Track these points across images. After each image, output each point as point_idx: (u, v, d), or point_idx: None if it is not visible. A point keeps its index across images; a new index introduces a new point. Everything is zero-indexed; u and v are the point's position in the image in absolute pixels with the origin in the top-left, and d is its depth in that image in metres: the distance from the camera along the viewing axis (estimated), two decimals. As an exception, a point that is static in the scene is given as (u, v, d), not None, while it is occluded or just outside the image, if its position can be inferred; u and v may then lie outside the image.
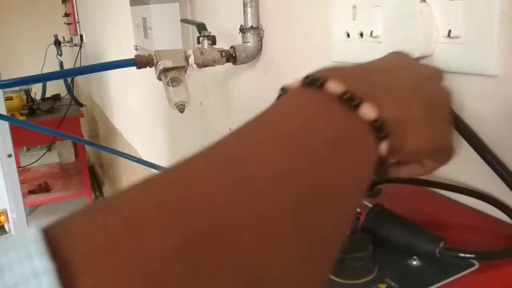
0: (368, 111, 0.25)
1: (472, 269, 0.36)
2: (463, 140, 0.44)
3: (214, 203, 0.19)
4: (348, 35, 0.59)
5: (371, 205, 0.41)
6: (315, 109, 0.26)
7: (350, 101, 0.25)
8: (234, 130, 0.24)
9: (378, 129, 0.26)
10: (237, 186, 0.20)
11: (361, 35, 0.57)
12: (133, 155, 1.86)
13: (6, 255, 0.15)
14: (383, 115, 0.26)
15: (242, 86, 0.96)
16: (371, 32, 0.55)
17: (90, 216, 0.18)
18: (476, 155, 0.43)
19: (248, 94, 0.94)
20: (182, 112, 0.78)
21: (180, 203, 0.18)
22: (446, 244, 0.36)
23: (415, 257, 0.38)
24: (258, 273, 0.18)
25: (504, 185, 0.41)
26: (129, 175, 2.52)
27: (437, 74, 0.35)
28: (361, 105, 0.25)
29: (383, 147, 0.26)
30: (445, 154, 0.35)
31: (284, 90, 0.28)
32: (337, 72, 0.28)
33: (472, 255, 0.36)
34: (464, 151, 0.45)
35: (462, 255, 0.36)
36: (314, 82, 0.26)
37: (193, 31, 1.17)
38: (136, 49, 1.71)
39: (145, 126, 1.97)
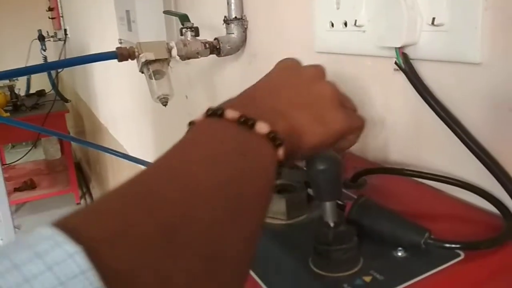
0: (262, 127, 0.31)
1: (458, 259, 0.35)
2: (449, 129, 0.44)
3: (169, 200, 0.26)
4: (332, 25, 0.58)
5: (355, 197, 0.40)
6: (223, 132, 0.32)
7: (246, 122, 0.31)
8: (164, 156, 0.30)
9: (273, 139, 0.32)
10: (182, 191, 0.27)
11: (345, 24, 0.56)
12: (119, 150, 1.83)
13: (38, 246, 0.20)
14: (274, 128, 0.32)
15: (227, 77, 0.95)
16: (355, 21, 0.54)
17: (85, 216, 0.24)
18: (460, 144, 0.43)
19: (233, 86, 0.93)
20: (165, 105, 0.77)
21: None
22: (431, 235, 0.35)
23: (400, 248, 0.37)
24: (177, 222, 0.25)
25: (489, 174, 0.41)
26: (116, 171, 2.50)
27: (317, 73, 0.40)
28: (255, 123, 0.31)
29: (280, 152, 0.32)
30: (354, 132, 0.41)
31: (191, 124, 0.33)
32: (231, 102, 0.34)
33: (457, 245, 0.35)
34: (448, 140, 0.44)
35: (447, 245, 0.35)
36: (214, 113, 0.32)
37: (177, 24, 1.16)
38: (121, 43, 1.68)
39: (131, 121, 1.95)
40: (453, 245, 0.35)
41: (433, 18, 0.43)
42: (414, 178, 0.48)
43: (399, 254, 0.37)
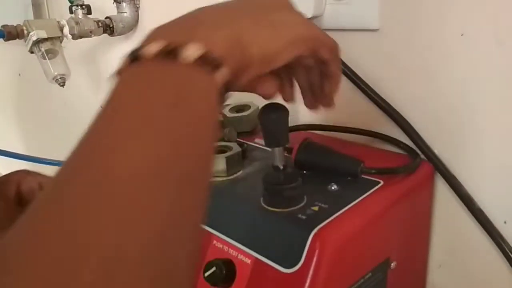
0: (190, 52, 0.26)
1: (379, 185, 0.44)
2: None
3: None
4: None
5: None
6: (146, 82, 0.25)
7: (170, 53, 0.26)
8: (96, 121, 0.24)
9: (208, 62, 0.26)
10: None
11: None
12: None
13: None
14: (209, 46, 0.26)
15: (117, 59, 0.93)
16: (263, -3, 0.59)
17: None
18: (366, 100, 0.52)
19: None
20: (62, 85, 0.73)
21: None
22: (364, 165, 0.43)
23: (332, 183, 0.44)
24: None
25: (393, 123, 0.50)
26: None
27: None
28: (182, 49, 0.26)
29: (221, 74, 0.26)
30: (322, 45, 0.34)
31: (118, 72, 0.27)
32: (159, 30, 0.28)
33: (384, 171, 0.44)
34: (355, 98, 0.53)
35: (376, 171, 0.44)
36: (134, 55, 0.26)
37: (53, 4, 1.08)
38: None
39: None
40: (380, 171, 0.44)
41: (337, -7, 0.51)
42: (325, 134, 0.57)
43: (333, 188, 0.44)
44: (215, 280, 0.40)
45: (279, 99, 0.39)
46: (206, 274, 0.40)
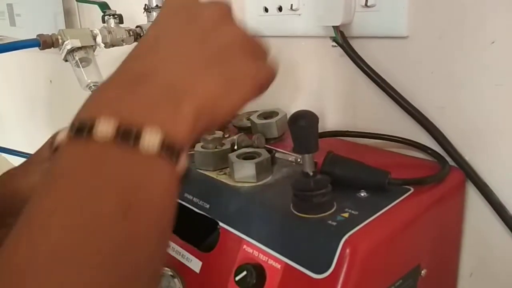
0: (152, 141, 0.23)
1: (409, 193, 0.44)
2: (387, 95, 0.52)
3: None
4: (266, 10, 0.64)
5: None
6: (94, 171, 0.22)
7: (127, 139, 0.22)
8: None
9: (170, 151, 0.23)
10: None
11: (280, 9, 0.62)
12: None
13: None
14: (174, 132, 0.24)
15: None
16: (291, 5, 0.60)
17: None
18: (393, 106, 0.52)
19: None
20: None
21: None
22: (391, 177, 0.43)
23: (362, 190, 0.44)
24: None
25: (421, 129, 0.50)
26: None
27: (221, 14, 0.30)
28: (141, 136, 0.23)
29: (182, 163, 0.24)
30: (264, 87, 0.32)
31: (55, 144, 0.24)
32: (103, 102, 0.24)
33: (411, 181, 0.44)
34: (382, 104, 0.53)
35: (404, 182, 0.44)
36: (80, 131, 0.23)
37: (85, 17, 1.12)
38: (0, 40, 1.56)
39: (17, 123, 1.80)
40: (408, 182, 0.44)
41: (366, 0, 0.51)
42: (352, 141, 0.57)
43: (362, 195, 0.44)
44: (246, 285, 0.40)
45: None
46: (237, 278, 0.40)
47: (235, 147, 0.53)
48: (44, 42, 0.72)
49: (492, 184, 0.47)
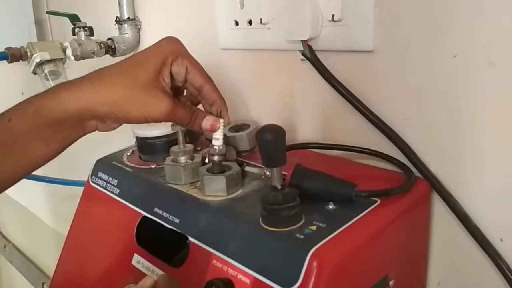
0: None
1: (375, 205, 0.45)
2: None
3: None
4: (237, 23, 0.65)
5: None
6: None
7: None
8: None
9: None
10: None
11: (250, 23, 0.63)
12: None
13: None
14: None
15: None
16: (261, 19, 0.61)
17: None
18: (361, 118, 0.53)
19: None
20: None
21: None
22: (357, 189, 0.44)
23: (330, 202, 0.45)
24: None
25: (387, 141, 0.51)
26: None
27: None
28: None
29: None
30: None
31: None
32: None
33: (377, 193, 0.44)
34: (350, 116, 0.54)
35: (370, 194, 0.44)
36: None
37: (55, 28, 1.10)
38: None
39: None
40: (374, 194, 0.44)
41: (333, 15, 0.52)
42: (321, 152, 0.57)
43: (330, 207, 0.45)
44: (215, 300, 0.40)
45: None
46: (206, 294, 0.40)
47: (206, 161, 0.53)
48: (12, 55, 0.71)
49: (457, 194, 0.49)
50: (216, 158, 0.49)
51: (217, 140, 0.49)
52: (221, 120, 0.48)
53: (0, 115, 0.41)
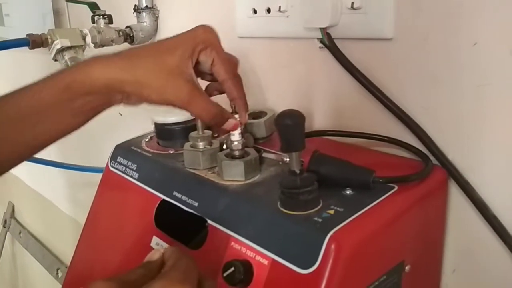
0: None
1: (393, 191, 0.45)
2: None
3: None
4: (255, 11, 0.65)
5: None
6: None
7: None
8: None
9: None
10: None
11: (268, 10, 0.63)
12: None
13: None
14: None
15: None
16: (279, 7, 0.61)
17: None
18: (378, 105, 0.53)
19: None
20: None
21: None
22: (375, 175, 0.44)
23: (348, 188, 0.45)
24: None
25: (405, 128, 0.52)
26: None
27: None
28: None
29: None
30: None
31: None
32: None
33: (397, 179, 0.45)
34: (368, 104, 0.54)
35: (388, 180, 0.45)
36: None
37: (74, 16, 1.12)
38: (-13, 39, 1.55)
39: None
40: (392, 180, 0.45)
41: (352, 3, 0.53)
42: (337, 140, 0.58)
43: (348, 192, 0.45)
44: (234, 280, 0.41)
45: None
46: (225, 274, 0.41)
47: (224, 147, 0.54)
48: (34, 42, 0.72)
49: (475, 183, 0.49)
50: (236, 153, 0.50)
51: (234, 136, 0.50)
52: (237, 116, 0.50)
53: (32, 85, 0.43)
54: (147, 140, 0.64)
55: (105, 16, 0.80)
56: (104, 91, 0.43)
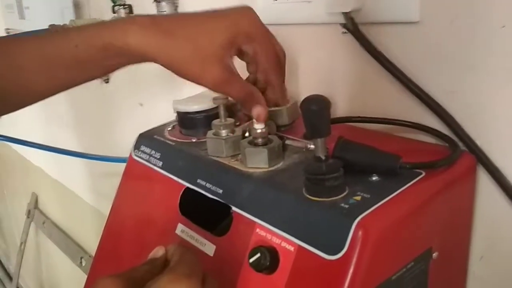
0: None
1: (420, 177, 0.44)
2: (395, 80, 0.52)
3: None
4: (276, -3, 0.64)
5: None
6: None
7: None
8: None
9: None
10: None
11: (290, -4, 0.62)
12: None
13: None
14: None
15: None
16: (301, -8, 0.60)
17: None
18: (403, 91, 0.52)
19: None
20: (107, 82, 0.76)
21: None
22: (402, 161, 0.44)
23: (374, 174, 0.45)
24: None
25: (431, 113, 0.51)
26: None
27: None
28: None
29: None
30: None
31: None
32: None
33: (424, 165, 0.44)
34: (392, 90, 0.53)
35: (415, 166, 0.44)
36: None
37: (96, 6, 1.12)
38: (8, 33, 1.57)
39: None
40: (419, 166, 0.44)
41: (377, -14, 0.52)
42: (361, 127, 0.57)
43: (374, 179, 0.44)
44: (260, 266, 0.41)
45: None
46: (251, 260, 0.41)
47: (247, 134, 0.54)
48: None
49: (504, 169, 0.48)
50: (260, 141, 0.50)
51: (257, 124, 0.50)
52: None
53: (67, 35, 0.46)
54: (169, 129, 0.64)
55: (126, 6, 0.80)
56: (139, 59, 0.45)
